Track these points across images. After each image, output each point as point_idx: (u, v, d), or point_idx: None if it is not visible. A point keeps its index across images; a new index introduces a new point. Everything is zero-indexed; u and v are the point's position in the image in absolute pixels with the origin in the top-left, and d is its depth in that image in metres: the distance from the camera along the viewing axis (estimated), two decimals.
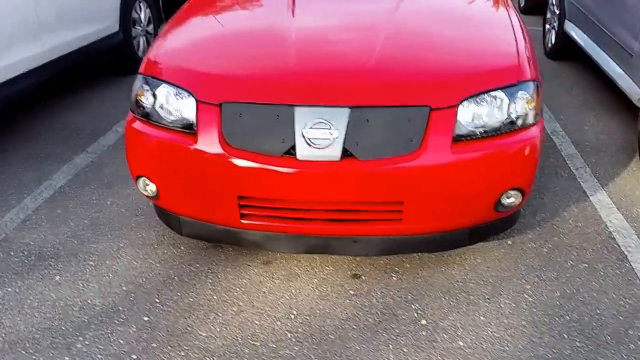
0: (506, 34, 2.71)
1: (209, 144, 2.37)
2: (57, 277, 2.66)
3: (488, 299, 2.52)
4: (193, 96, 2.43)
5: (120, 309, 2.46)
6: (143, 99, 2.56)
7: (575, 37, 5.10)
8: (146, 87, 2.56)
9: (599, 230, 3.01)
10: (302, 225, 2.42)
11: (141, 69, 2.66)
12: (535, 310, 2.45)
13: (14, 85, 3.66)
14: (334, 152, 2.30)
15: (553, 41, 5.82)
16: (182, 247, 2.84)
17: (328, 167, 2.30)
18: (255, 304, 2.48)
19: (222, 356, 2.21)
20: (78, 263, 2.75)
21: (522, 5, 7.79)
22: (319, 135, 2.30)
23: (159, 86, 2.53)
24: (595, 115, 4.47)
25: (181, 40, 2.77)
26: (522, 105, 2.44)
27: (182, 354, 2.22)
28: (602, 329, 2.34)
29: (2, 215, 3.14)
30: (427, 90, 2.37)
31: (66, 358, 2.21)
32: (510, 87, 2.44)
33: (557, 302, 2.49)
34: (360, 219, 2.39)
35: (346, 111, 2.31)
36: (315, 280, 2.63)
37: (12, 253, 2.82)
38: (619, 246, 2.88)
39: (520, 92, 2.45)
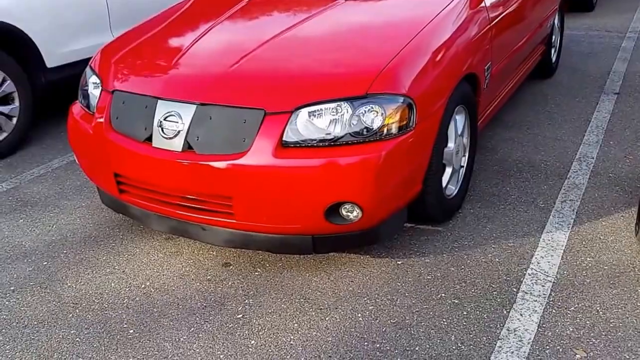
0: (392, 47, 2.59)
1: (97, 125, 2.77)
2: (21, 221, 3.31)
3: (320, 309, 2.48)
4: (101, 84, 2.85)
5: (37, 252, 3.00)
6: (84, 85, 3.05)
7: None
8: (87, 76, 3.05)
9: (513, 270, 2.67)
10: (164, 207, 2.67)
11: (91, 60, 3.15)
12: (353, 330, 2.36)
13: (78, 68, 4.46)
14: (178, 144, 2.51)
15: None
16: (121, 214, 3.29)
17: (171, 156, 2.52)
18: (126, 270, 2.82)
19: (65, 304, 2.60)
20: (43, 213, 3.38)
21: None
22: (170, 126, 2.53)
23: (92, 76, 3.00)
24: None
25: (121, 40, 3.20)
26: (369, 118, 2.36)
27: (42, 294, 2.67)
28: None
29: (29, 169, 3.95)
30: (264, 95, 2.44)
31: None
32: (355, 99, 2.36)
33: (384, 329, 2.35)
34: (204, 208, 2.56)
35: (193, 107, 2.51)
36: (191, 261, 2.85)
37: (10, 198, 3.57)
38: (517, 291, 2.53)
39: (368, 105, 2.36)
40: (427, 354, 2.23)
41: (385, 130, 2.39)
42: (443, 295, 2.54)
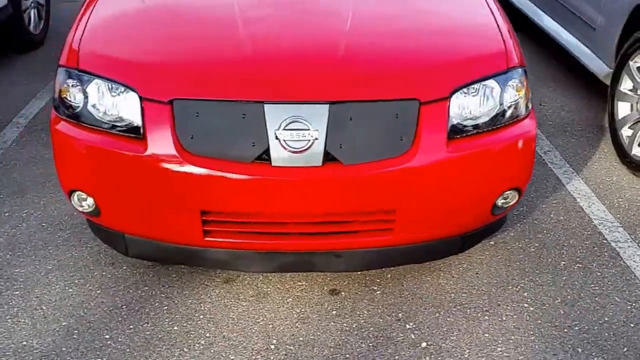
0: (486, 15, 2.40)
1: (161, 150, 1.96)
2: None
3: (486, 311, 2.27)
4: (135, 92, 1.99)
5: (64, 349, 2.03)
6: (70, 97, 2.08)
7: (520, 6, 4.91)
8: (73, 82, 2.09)
9: (583, 223, 2.82)
10: (277, 240, 2.07)
11: (62, 59, 2.17)
12: (540, 321, 2.22)
13: None
14: (315, 157, 1.94)
15: None
16: (124, 267, 2.40)
17: (309, 174, 1.95)
18: (226, 333, 2.11)
19: None
20: (8, 292, 2.27)
21: None
22: (297, 137, 1.93)
23: (90, 81, 2.05)
24: (552, 91, 4.31)
25: (112, 24, 2.30)
26: (513, 94, 2.18)
27: None
28: (616, 340, 2.15)
29: None
30: (415, 81, 2.07)
31: None
32: (500, 74, 2.16)
33: (561, 311, 2.28)
34: (346, 230, 2.07)
35: (325, 108, 1.96)
36: (290, 299, 2.28)
37: None
38: (608, 242, 2.70)
39: (510, 80, 2.18)
40: (618, 322, 2.23)
41: (521, 103, 2.22)
42: (564, 263, 2.55)
